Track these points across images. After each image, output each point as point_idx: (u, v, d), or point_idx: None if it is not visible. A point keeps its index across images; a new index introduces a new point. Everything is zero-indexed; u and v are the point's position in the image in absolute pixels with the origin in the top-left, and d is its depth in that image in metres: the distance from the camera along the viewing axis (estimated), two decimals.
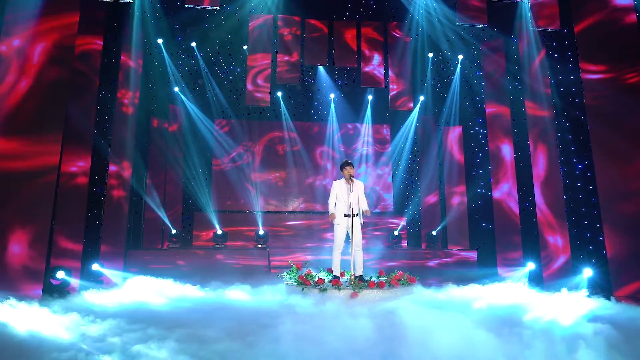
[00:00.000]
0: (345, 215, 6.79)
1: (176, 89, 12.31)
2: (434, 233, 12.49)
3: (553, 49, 9.67)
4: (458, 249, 11.86)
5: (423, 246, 12.76)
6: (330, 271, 7.00)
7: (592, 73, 8.29)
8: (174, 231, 11.56)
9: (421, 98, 13.15)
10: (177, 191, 12.72)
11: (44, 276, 6.95)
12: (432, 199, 13.36)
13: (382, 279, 6.51)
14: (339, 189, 6.97)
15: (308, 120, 14.00)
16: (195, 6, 8.04)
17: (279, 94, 13.18)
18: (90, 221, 9.05)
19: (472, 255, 11.39)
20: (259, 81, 10.39)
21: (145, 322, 4.95)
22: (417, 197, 13.64)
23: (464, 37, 10.55)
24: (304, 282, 6.29)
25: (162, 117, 12.43)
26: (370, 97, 13.51)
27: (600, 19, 8.20)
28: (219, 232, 11.74)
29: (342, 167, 6.99)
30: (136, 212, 11.48)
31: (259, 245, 11.72)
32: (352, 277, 6.49)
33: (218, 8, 8.20)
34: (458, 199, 12.60)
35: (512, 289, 7.82)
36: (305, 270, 7.04)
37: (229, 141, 13.50)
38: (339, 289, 5.99)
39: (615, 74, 8.04)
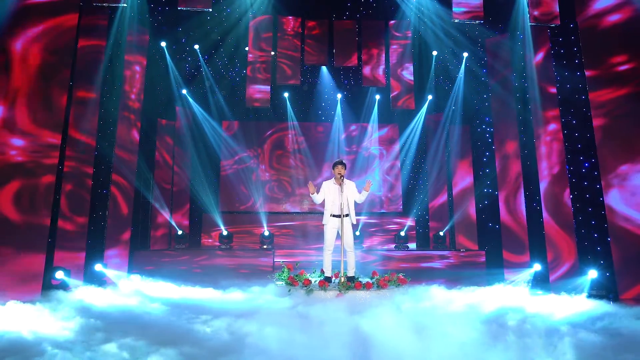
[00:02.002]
0: (334, 216, 6.75)
1: (184, 91, 12.44)
2: (441, 234, 12.30)
3: (559, 45, 9.43)
4: (466, 250, 11.64)
5: (431, 247, 12.59)
6: (323, 272, 6.98)
7: (596, 68, 8.07)
8: (180, 232, 11.69)
9: (429, 97, 13.01)
10: (185, 193, 12.84)
11: (43, 276, 7.11)
12: (440, 198, 13.17)
13: (369, 280, 6.45)
14: (328, 188, 6.94)
15: (314, 121, 13.93)
16: (188, 8, 8.09)
17: (286, 94, 13.20)
18: (96, 222, 9.21)
19: (480, 256, 11.15)
20: (259, 82, 10.43)
21: (116, 323, 5.04)
22: (425, 197, 13.46)
23: (467, 34, 10.42)
24: (293, 282, 6.27)
25: (168, 119, 12.56)
26: (377, 97, 13.40)
27: (602, 12, 7.97)
28: (224, 232, 11.81)
29: (333, 166, 6.95)
30: (143, 213, 11.61)
31: (264, 246, 11.73)
32: (343, 278, 6.43)
33: (210, 10, 8.25)
34: (466, 199, 12.39)
35: (509, 291, 7.63)
36: (298, 271, 7.03)
37: (235, 143, 13.57)
38: (325, 290, 5.95)
39: (620, 68, 7.81)
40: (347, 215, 6.72)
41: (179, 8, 8.20)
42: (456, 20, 8.54)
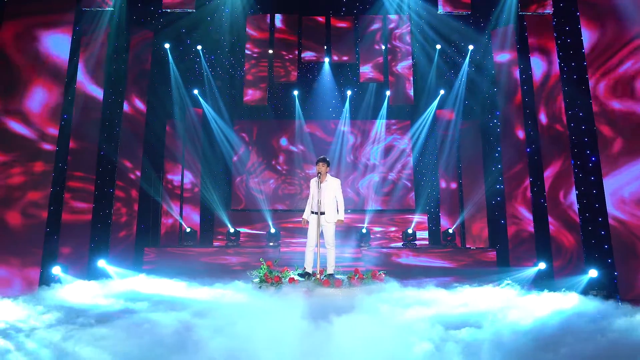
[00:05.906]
0: (313, 213, 6.72)
1: (195, 91, 12.70)
2: (450, 231, 12.02)
3: (565, 34, 9.00)
4: (476, 248, 11.33)
5: (442, 244, 12.33)
6: (305, 268, 6.96)
7: (594, 59, 7.65)
8: (188, 230, 11.93)
9: (441, 92, 12.76)
10: (196, 191, 13.06)
11: (40, 272, 7.44)
12: (451, 195, 12.87)
13: (340, 277, 6.41)
14: (312, 186, 6.91)
15: (323, 118, 13.88)
16: (172, 9, 8.24)
17: (295, 92, 13.24)
18: (101, 220, 9.51)
19: (490, 254, 10.81)
20: (256, 81, 10.50)
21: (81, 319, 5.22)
22: (436, 193, 13.19)
23: (472, 27, 10.13)
24: (266, 279, 6.29)
25: (178, 119, 12.77)
26: (388, 93, 13.20)
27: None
28: (231, 230, 11.98)
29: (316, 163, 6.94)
30: (153, 211, 11.89)
31: (271, 243, 11.85)
32: (318, 276, 6.40)
33: (194, 10, 8.36)
34: (477, 196, 12.04)
35: (497, 292, 7.31)
36: (281, 268, 7.03)
37: (245, 141, 13.74)
38: (294, 287, 5.95)
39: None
40: (323, 213, 6.66)
41: (161, 10, 8.35)
42: (441, 12, 8.30)
